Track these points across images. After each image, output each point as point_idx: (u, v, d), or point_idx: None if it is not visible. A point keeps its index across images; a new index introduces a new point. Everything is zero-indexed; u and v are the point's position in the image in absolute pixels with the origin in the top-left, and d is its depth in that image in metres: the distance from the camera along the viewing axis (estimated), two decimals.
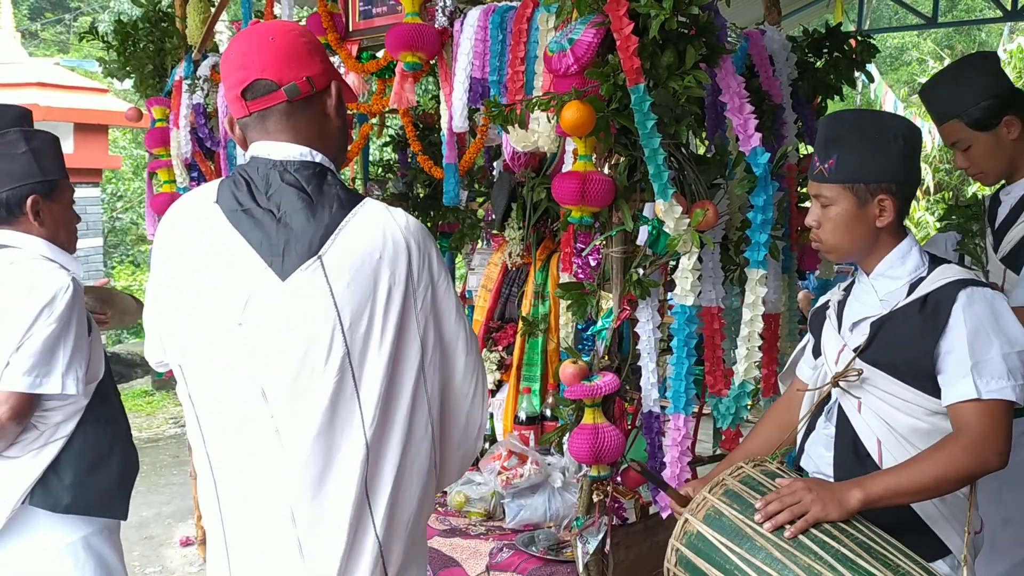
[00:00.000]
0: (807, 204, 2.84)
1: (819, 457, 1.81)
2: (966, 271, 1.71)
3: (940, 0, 8.04)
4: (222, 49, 3.78)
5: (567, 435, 2.16)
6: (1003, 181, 2.36)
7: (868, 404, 1.72)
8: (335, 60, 3.03)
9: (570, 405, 2.19)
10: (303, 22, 3.12)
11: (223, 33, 3.86)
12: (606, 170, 2.12)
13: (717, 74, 2.13)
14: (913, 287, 1.72)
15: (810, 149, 2.87)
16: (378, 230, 1.46)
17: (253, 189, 1.47)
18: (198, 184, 3.60)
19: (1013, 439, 2.12)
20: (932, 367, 1.65)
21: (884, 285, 1.76)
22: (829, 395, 1.82)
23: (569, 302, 2.24)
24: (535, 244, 3.24)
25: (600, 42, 1.99)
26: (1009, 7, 7.36)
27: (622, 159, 2.11)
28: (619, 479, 2.17)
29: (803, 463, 1.86)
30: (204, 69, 3.51)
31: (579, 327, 2.45)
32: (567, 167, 2.27)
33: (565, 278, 2.52)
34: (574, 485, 2.57)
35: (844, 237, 1.76)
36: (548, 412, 3.01)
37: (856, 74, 2.78)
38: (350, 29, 3.02)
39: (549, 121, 2.20)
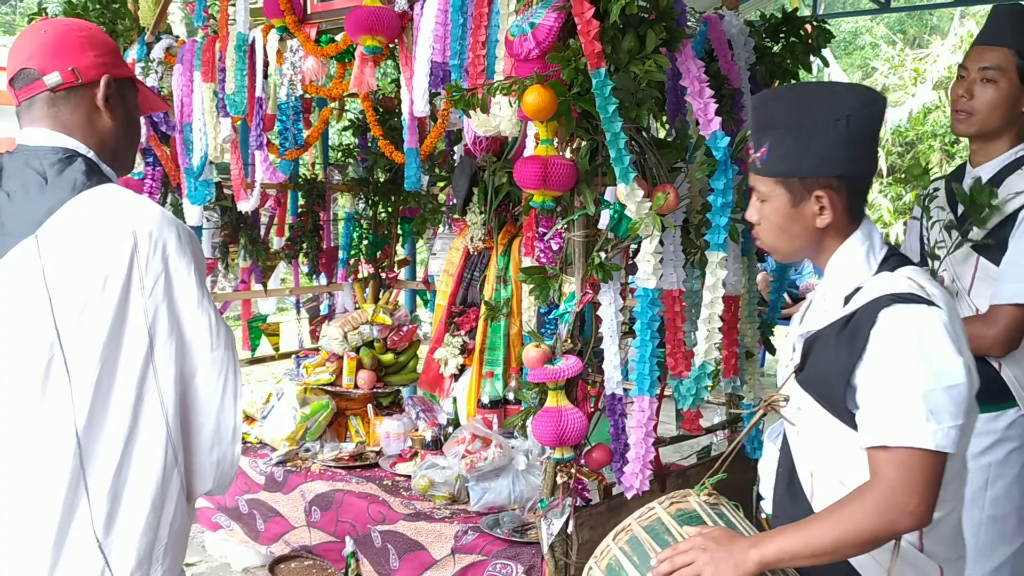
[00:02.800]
0: None
1: (765, 481, 1.66)
2: (907, 282, 1.41)
3: None
4: (176, 31, 3.71)
5: (531, 418, 2.17)
6: (964, 165, 2.29)
7: (805, 433, 1.51)
8: (293, 43, 2.99)
9: (533, 388, 2.20)
10: (260, 3, 3.08)
11: (176, 14, 3.79)
12: (568, 154, 2.13)
13: (677, 58, 2.14)
14: (849, 298, 1.46)
15: None
16: (103, 214, 1.44)
17: (2, 174, 1.50)
18: (153, 169, 3.55)
19: (997, 433, 2.06)
20: (848, 401, 1.42)
21: (832, 292, 1.51)
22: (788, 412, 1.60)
23: (532, 286, 2.25)
24: (497, 228, 3.24)
25: (561, 26, 1.99)
26: None
27: (584, 143, 2.12)
28: (583, 461, 2.19)
29: (761, 486, 1.73)
30: (158, 51, 3.44)
31: (542, 311, 2.47)
32: (529, 151, 2.27)
33: (527, 262, 2.53)
34: (538, 468, 2.59)
35: (780, 238, 1.52)
36: (511, 396, 3.03)
37: (812, 59, 2.82)
38: (308, 12, 2.98)
39: (511, 105, 2.20)
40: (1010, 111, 2.11)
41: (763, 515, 1.64)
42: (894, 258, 1.48)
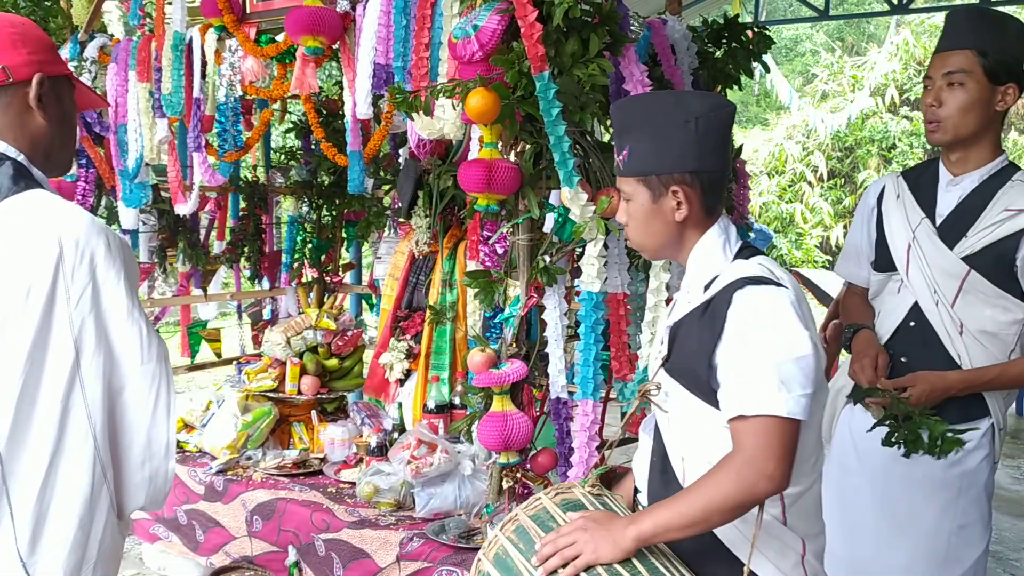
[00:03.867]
0: None
1: (639, 473, 1.69)
2: (759, 267, 1.51)
3: None
4: (113, 30, 3.62)
5: (476, 423, 2.16)
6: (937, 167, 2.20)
7: (675, 419, 1.58)
8: (232, 43, 2.94)
9: (479, 393, 2.19)
10: (197, 2, 3.02)
11: (112, 12, 3.70)
12: (512, 157, 2.12)
13: (620, 62, 2.15)
14: (709, 286, 1.55)
15: None
16: (27, 221, 1.41)
17: None
18: (87, 171, 3.45)
19: (973, 442, 2.07)
20: (711, 380, 1.49)
21: (694, 283, 1.60)
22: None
23: (476, 290, 2.24)
24: (442, 232, 3.22)
25: (505, 29, 1.98)
26: (896, 1, 7.68)
27: (528, 146, 2.11)
28: (528, 465, 2.18)
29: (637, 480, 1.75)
30: (91, 50, 3.35)
31: (487, 315, 2.45)
32: (473, 155, 2.26)
33: (472, 266, 2.52)
34: (484, 472, 2.58)
35: (646, 234, 1.62)
36: (457, 400, 3.01)
37: (754, 64, 2.86)
38: (247, 11, 2.93)
39: (454, 108, 2.18)
40: (983, 112, 2.06)
41: (640, 508, 1.67)
42: (748, 249, 1.59)
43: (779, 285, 1.47)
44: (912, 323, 2.16)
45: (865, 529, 2.23)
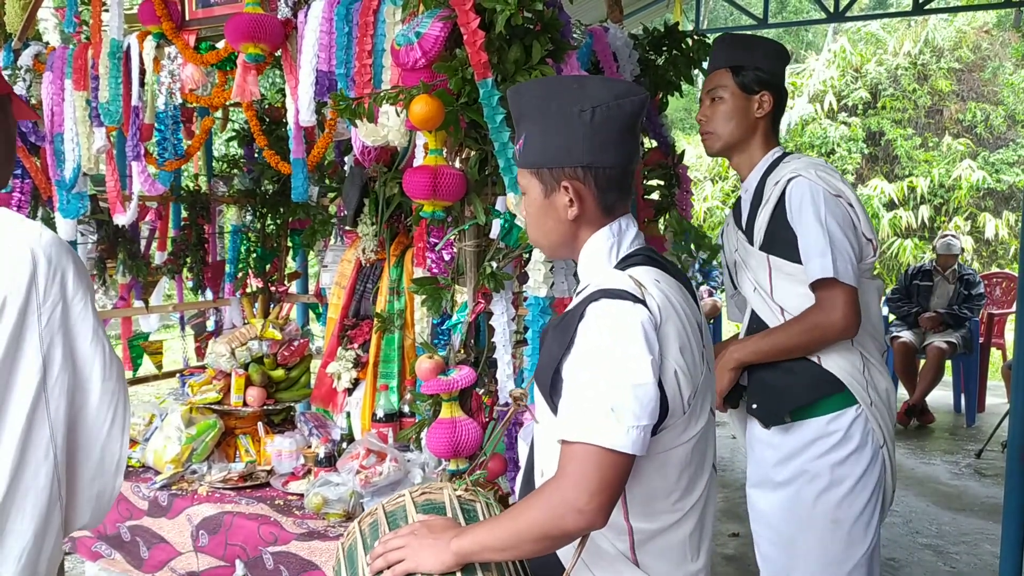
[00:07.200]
0: (654, 195, 2.95)
1: (518, 484, 1.64)
2: (626, 279, 1.37)
3: (770, 2, 8.51)
4: (46, 37, 3.55)
5: (425, 430, 2.15)
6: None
7: (540, 429, 1.50)
8: (171, 50, 2.89)
9: (427, 400, 2.19)
10: (135, 9, 2.96)
11: (48, 20, 3.62)
12: (457, 164, 2.13)
13: (563, 69, 2.17)
14: (581, 294, 1.44)
15: (652, 144, 2.98)
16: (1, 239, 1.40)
17: None
18: (22, 182, 3.36)
19: (840, 433, 2.05)
20: (555, 396, 1.38)
21: (580, 288, 1.50)
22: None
23: (423, 297, 2.23)
24: (389, 240, 3.21)
25: (447, 36, 1.99)
26: (832, 10, 7.87)
27: (473, 153, 2.12)
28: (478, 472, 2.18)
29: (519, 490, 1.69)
30: (26, 58, 3.27)
31: (435, 322, 2.45)
32: (418, 161, 2.26)
33: (419, 273, 2.51)
34: (434, 480, 2.57)
35: (539, 231, 1.50)
36: (406, 408, 2.99)
37: (694, 71, 2.91)
38: (187, 18, 2.88)
39: (398, 115, 2.18)
40: (743, 119, 2.26)
41: None
42: (638, 257, 1.46)
43: (637, 301, 1.33)
44: (753, 325, 2.25)
45: (758, 523, 2.30)
